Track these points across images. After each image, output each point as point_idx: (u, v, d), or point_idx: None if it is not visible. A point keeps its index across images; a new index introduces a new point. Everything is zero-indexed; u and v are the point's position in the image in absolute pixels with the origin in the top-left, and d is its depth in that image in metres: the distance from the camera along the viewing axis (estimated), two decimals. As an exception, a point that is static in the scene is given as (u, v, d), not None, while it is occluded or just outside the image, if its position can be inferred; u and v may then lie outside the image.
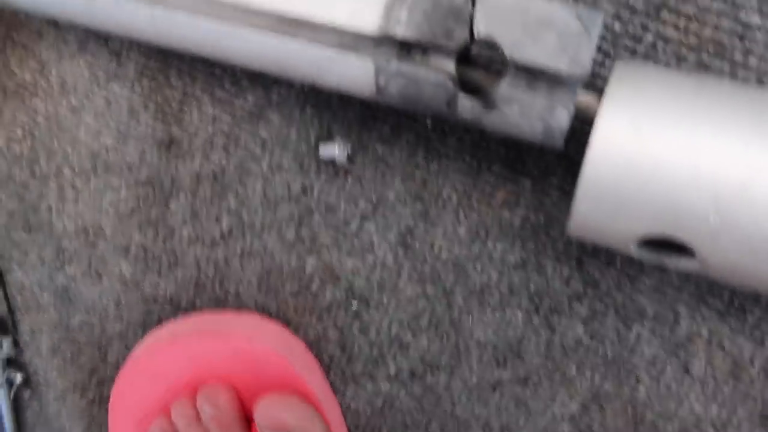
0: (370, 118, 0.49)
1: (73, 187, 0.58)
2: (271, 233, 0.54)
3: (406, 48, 0.36)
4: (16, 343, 0.68)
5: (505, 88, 0.35)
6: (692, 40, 0.40)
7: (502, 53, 0.34)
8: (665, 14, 0.40)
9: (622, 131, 0.34)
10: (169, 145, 0.53)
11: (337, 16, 0.36)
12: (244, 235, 0.55)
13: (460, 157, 0.48)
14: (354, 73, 0.38)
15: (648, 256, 0.38)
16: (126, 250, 0.59)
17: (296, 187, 0.52)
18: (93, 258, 0.61)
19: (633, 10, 0.40)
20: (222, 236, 0.56)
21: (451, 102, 0.37)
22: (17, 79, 0.56)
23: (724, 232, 0.33)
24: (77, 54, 0.52)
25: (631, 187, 0.35)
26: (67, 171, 0.58)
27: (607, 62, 0.42)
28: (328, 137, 0.49)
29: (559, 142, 0.36)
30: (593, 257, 0.48)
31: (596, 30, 0.33)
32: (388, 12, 0.35)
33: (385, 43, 0.36)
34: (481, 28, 0.34)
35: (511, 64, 0.34)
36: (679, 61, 0.41)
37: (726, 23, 0.39)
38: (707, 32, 0.39)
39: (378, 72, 0.37)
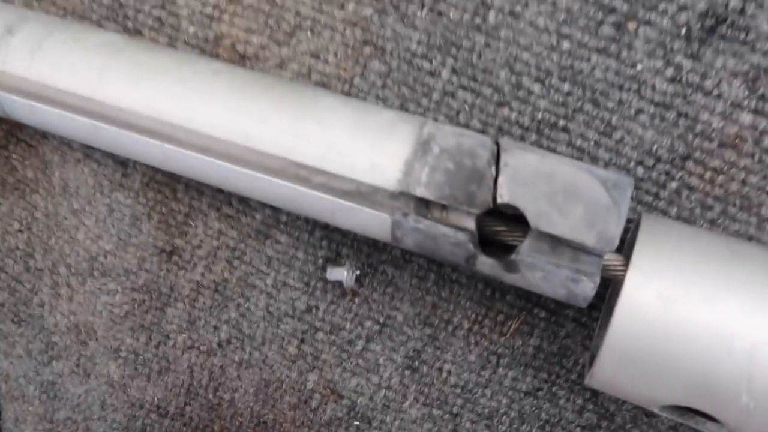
0: (382, 242, 0.47)
1: (68, 285, 0.56)
2: (272, 346, 0.52)
3: (425, 202, 0.35)
4: (-2, 433, 0.65)
5: (527, 253, 0.33)
6: (718, 191, 0.39)
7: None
8: (690, 165, 0.39)
9: (650, 299, 0.33)
10: (170, 254, 0.52)
11: (355, 167, 0.35)
12: (243, 346, 0.53)
13: (472, 285, 0.46)
14: (369, 223, 0.36)
15: (672, 416, 0.36)
16: (116, 352, 0.56)
17: (301, 305, 0.50)
18: (82, 357, 0.58)
19: (657, 159, 0.39)
20: (220, 345, 0.54)
21: (471, 259, 0.35)
22: (18, 175, 0.54)
23: (758, 412, 0.32)
24: (82, 160, 0.51)
25: (658, 357, 0.33)
26: (63, 269, 0.56)
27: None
28: (337, 258, 0.48)
29: (582, 305, 0.35)
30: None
31: (625, 203, 0.32)
32: (409, 169, 0.34)
33: (403, 197, 0.35)
34: (504, 194, 0.33)
35: (534, 230, 0.33)
36: (704, 210, 0.40)
37: (754, 179, 0.38)
38: (734, 186, 0.38)
39: (395, 226, 0.35)
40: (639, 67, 0.38)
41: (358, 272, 0.47)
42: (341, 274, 0.46)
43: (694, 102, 0.38)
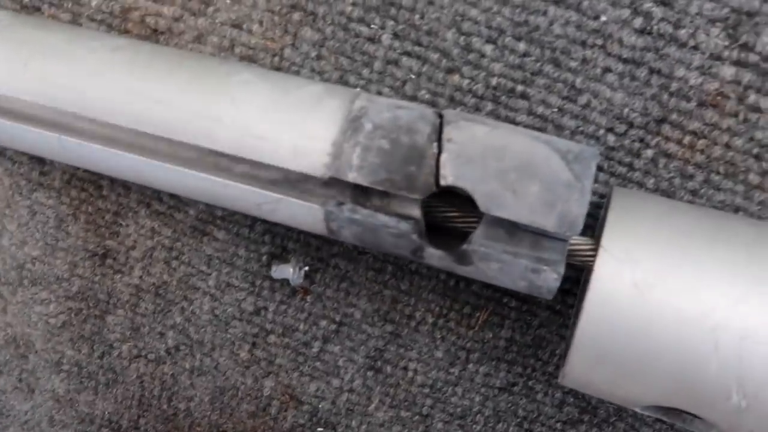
0: (331, 231, 0.43)
1: (1, 296, 0.51)
2: (222, 352, 0.48)
3: (362, 189, 0.30)
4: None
5: (480, 242, 0.29)
6: (699, 157, 0.34)
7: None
8: (667, 129, 0.34)
9: (623, 288, 0.28)
10: (103, 257, 0.47)
11: (277, 153, 0.30)
12: (192, 353, 0.49)
13: (434, 275, 0.42)
14: (301, 216, 0.31)
15: (657, 416, 0.32)
16: (58, 366, 0.52)
17: (248, 307, 0.45)
18: (24, 371, 0.54)
19: (630, 124, 0.35)
20: (168, 352, 0.49)
21: (417, 252, 0.31)
22: (-71, 179, 0.49)
23: (751, 413, 0.28)
24: (-7, 158, 0.45)
25: (635, 354, 0.29)
26: (-9, 278, 0.51)
27: (600, 176, 0.37)
28: (283, 254, 0.43)
29: (548, 297, 0.30)
30: (588, 382, 0.42)
31: (589, 177, 0.27)
32: (337, 151, 0.29)
33: (338, 184, 0.30)
34: (448, 175, 0.28)
35: (487, 215, 0.28)
36: (684, 179, 0.35)
37: (739, 142, 0.33)
38: (717, 150, 0.34)
39: (328, 217, 0.30)
40: (603, 18, 0.33)
41: (306, 268, 0.42)
42: (287, 271, 0.41)
43: (667, 56, 0.33)
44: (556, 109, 0.35)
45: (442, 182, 0.28)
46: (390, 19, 0.36)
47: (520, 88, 0.35)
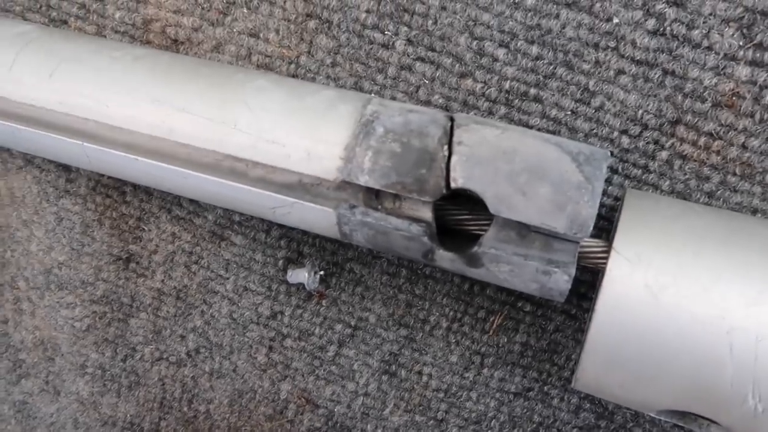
0: (346, 235, 0.43)
1: (29, 299, 0.53)
2: (240, 355, 0.48)
3: (374, 192, 0.30)
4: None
5: (491, 243, 0.29)
6: (715, 159, 0.34)
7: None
8: (682, 131, 0.34)
9: (636, 290, 0.28)
10: (126, 261, 0.48)
11: (291, 157, 0.30)
12: (212, 355, 0.49)
13: (449, 279, 0.42)
14: (314, 219, 0.32)
15: (672, 420, 0.32)
16: (82, 368, 0.53)
17: (265, 311, 0.46)
18: (50, 374, 0.55)
19: (644, 126, 0.34)
20: (189, 355, 0.50)
21: (428, 254, 0.31)
22: (-38, 186, 0.51)
23: (767, 416, 0.27)
24: (24, 167, 0.47)
25: (648, 357, 0.28)
26: (22, 283, 0.53)
27: (615, 179, 0.36)
28: (298, 259, 0.44)
29: (559, 300, 0.30)
30: (606, 388, 0.41)
31: (600, 179, 0.27)
32: (350, 154, 0.30)
33: (350, 187, 0.30)
34: (458, 178, 0.28)
35: (498, 217, 0.28)
36: (700, 181, 0.34)
37: (755, 143, 0.33)
38: (733, 152, 0.33)
39: (340, 220, 0.31)
40: (615, 20, 0.33)
41: (321, 273, 0.43)
42: (302, 275, 0.42)
43: (681, 57, 0.32)
44: (569, 112, 0.35)
45: (453, 185, 0.28)
46: (404, 25, 0.37)
47: (533, 91, 0.35)
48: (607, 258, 0.28)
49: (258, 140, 0.31)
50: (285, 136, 0.30)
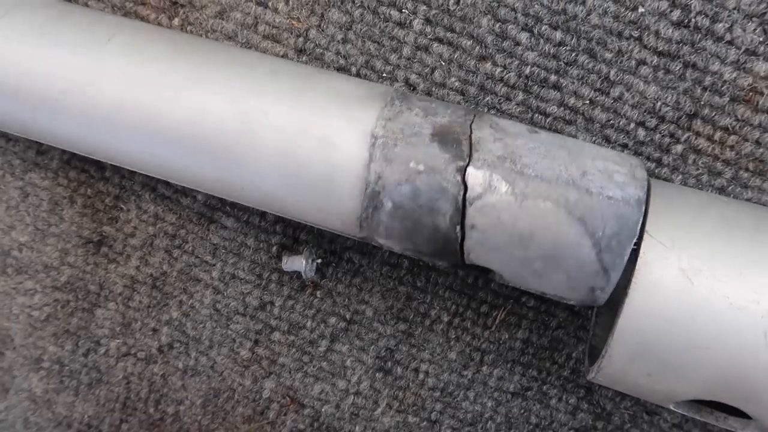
0: (345, 222, 0.41)
1: (-23, 286, 0.48)
2: (221, 350, 0.45)
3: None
4: None
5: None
6: (728, 154, 0.34)
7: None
8: (698, 124, 0.34)
9: (670, 274, 0.27)
10: (98, 245, 0.44)
11: (306, 220, 0.29)
12: (187, 351, 0.46)
13: (452, 272, 0.40)
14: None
15: (687, 413, 0.31)
16: (38, 363, 0.48)
17: (253, 301, 0.43)
18: (-1, 370, 0.50)
19: (661, 118, 0.34)
20: (160, 350, 0.46)
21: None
22: None
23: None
24: (-16, 134, 0.43)
25: (680, 343, 0.28)
26: (-31, 267, 0.47)
27: (627, 172, 0.36)
28: (294, 246, 0.41)
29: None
30: (604, 387, 0.41)
31: (620, 267, 0.26)
32: (364, 223, 0.28)
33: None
34: (473, 258, 0.27)
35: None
36: (712, 176, 0.35)
37: (769, 139, 0.33)
38: (747, 147, 0.34)
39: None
40: (641, 9, 0.33)
41: (319, 261, 0.40)
42: (299, 263, 0.39)
43: (703, 50, 0.33)
44: (587, 101, 0.35)
45: (467, 261, 0.27)
46: (422, 3, 0.36)
47: (553, 78, 0.35)
48: (640, 242, 0.28)
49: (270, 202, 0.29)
50: (294, 208, 0.29)
